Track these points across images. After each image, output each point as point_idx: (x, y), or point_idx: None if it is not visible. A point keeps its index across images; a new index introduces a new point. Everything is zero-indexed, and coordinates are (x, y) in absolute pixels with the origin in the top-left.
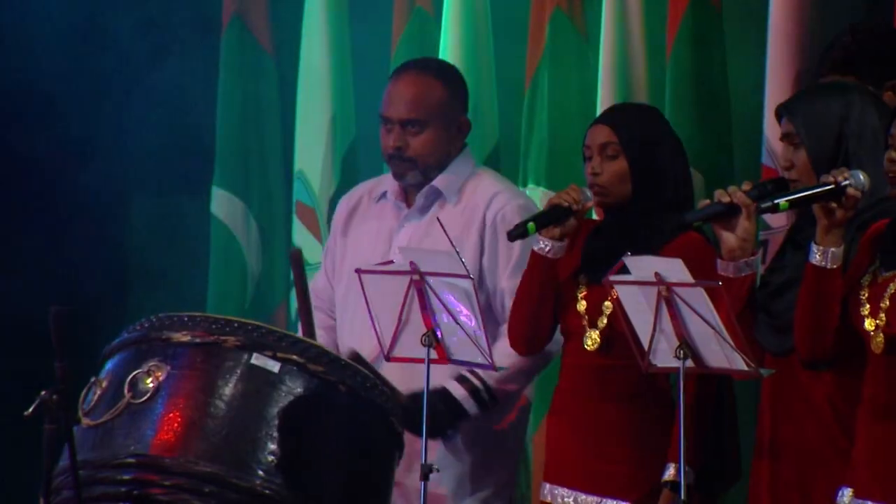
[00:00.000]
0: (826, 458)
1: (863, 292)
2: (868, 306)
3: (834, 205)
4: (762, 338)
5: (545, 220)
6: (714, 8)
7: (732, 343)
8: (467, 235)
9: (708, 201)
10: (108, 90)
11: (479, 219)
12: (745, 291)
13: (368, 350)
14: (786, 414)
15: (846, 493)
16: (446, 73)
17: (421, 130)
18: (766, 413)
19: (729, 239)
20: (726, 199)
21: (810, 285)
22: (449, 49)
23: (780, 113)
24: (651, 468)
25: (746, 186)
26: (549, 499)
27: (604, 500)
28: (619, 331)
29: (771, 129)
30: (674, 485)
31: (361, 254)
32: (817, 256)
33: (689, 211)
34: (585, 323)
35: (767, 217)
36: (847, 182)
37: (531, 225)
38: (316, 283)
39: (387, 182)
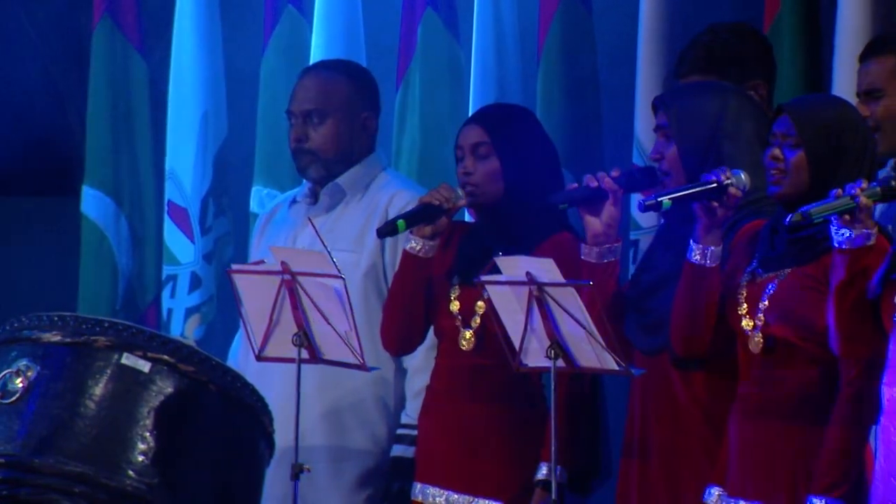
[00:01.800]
0: (695, 458)
1: (741, 292)
2: (746, 306)
3: (715, 203)
4: (633, 337)
5: (416, 218)
6: (584, 8)
7: (603, 343)
8: (369, 232)
9: (576, 185)
10: None
11: (380, 215)
12: (610, 280)
13: None
14: (655, 413)
15: (713, 492)
16: (352, 70)
17: (321, 122)
18: (636, 412)
19: (594, 224)
20: (594, 184)
21: (688, 283)
22: (321, 49)
23: (657, 105)
24: (523, 467)
25: (615, 173)
26: (420, 498)
27: (476, 499)
28: (493, 331)
29: (641, 129)
30: (546, 484)
31: (266, 256)
32: (696, 255)
33: (557, 194)
34: (459, 323)
35: (638, 217)
36: (729, 182)
37: (401, 222)
38: None
39: (301, 189)
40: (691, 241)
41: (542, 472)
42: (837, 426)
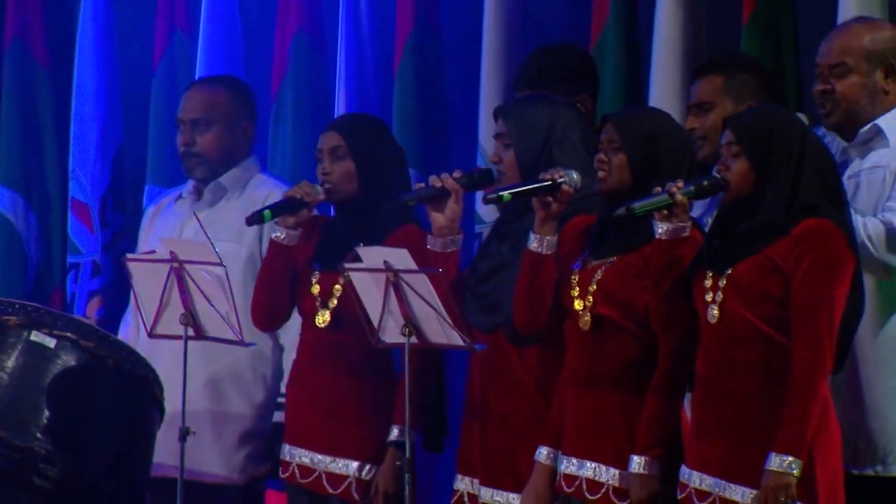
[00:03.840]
0: (528, 422)
1: (574, 277)
2: (578, 289)
3: (550, 199)
4: (472, 316)
5: (280, 209)
6: (435, 28)
7: (451, 322)
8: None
9: (422, 184)
10: None
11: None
12: (452, 267)
13: None
14: (493, 384)
15: (543, 451)
16: (233, 83)
17: (207, 129)
18: (476, 383)
19: (438, 219)
20: (438, 184)
21: (528, 269)
22: (205, 67)
23: (497, 114)
24: (378, 430)
25: (457, 174)
26: (288, 458)
27: (336, 459)
28: (347, 311)
29: (484, 135)
30: (397, 444)
31: (157, 246)
32: (534, 244)
33: (406, 192)
34: (318, 304)
35: (481, 211)
36: (562, 180)
37: (267, 213)
38: None
39: (185, 186)
40: (531, 232)
41: (394, 433)
42: (655, 394)
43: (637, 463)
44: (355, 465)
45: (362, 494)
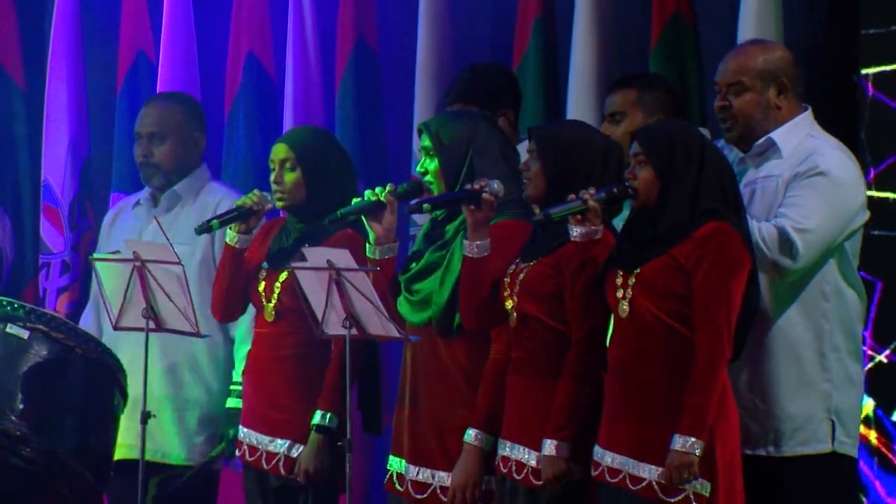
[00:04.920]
0: (455, 408)
1: (506, 278)
2: (508, 290)
3: (473, 207)
4: (404, 311)
5: (230, 218)
6: (373, 51)
7: (388, 315)
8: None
9: (360, 199)
10: None
11: (210, 216)
12: (389, 269)
13: None
14: (423, 373)
15: (471, 433)
16: (185, 100)
17: (162, 142)
18: (408, 371)
19: (377, 229)
20: (374, 198)
21: (467, 272)
22: (165, 84)
23: (421, 129)
24: (311, 414)
25: (389, 188)
26: (242, 438)
27: (274, 439)
28: (288, 305)
29: (417, 144)
30: (319, 427)
31: (121, 247)
32: (468, 250)
33: (344, 207)
34: (264, 300)
35: (416, 217)
36: (483, 190)
37: (214, 223)
38: (94, 281)
39: (142, 193)
40: (465, 240)
41: (317, 417)
42: (565, 380)
43: (547, 445)
44: (286, 444)
45: (288, 471)
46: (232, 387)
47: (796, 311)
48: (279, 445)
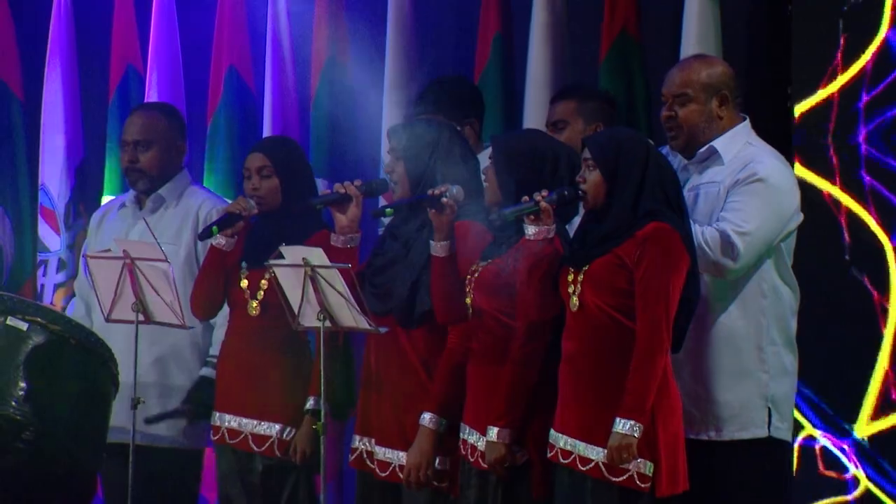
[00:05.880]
0: (414, 393)
1: (469, 277)
2: (468, 287)
3: (435, 211)
4: (368, 303)
5: (224, 224)
6: (344, 66)
7: (359, 309)
8: (185, 230)
9: (329, 191)
10: None
11: (192, 218)
12: (353, 261)
13: None
14: (385, 359)
15: (426, 416)
16: (168, 109)
17: (147, 149)
18: (371, 359)
19: (341, 219)
20: (342, 190)
21: (437, 271)
22: (153, 95)
23: (390, 133)
24: (296, 399)
25: (357, 182)
26: (218, 423)
27: (261, 422)
28: (272, 301)
29: (385, 151)
30: (312, 412)
31: (111, 246)
32: (434, 250)
33: (314, 196)
34: (248, 295)
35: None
36: (441, 194)
37: (214, 229)
38: (79, 276)
39: (127, 196)
40: (431, 241)
41: (310, 403)
42: (507, 369)
43: (490, 432)
44: (277, 427)
45: (283, 452)
46: (208, 359)
47: (736, 308)
48: (271, 428)
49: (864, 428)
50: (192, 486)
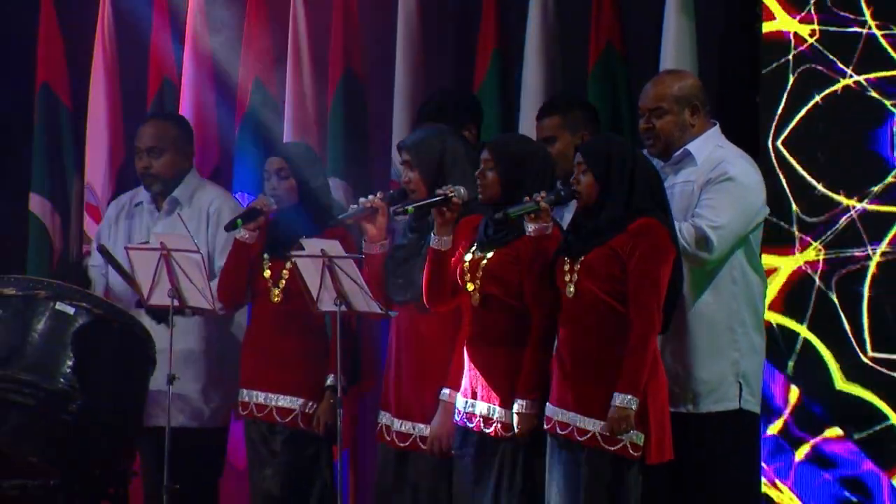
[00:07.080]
0: (432, 371)
1: (465, 265)
2: (469, 275)
3: (444, 209)
4: (391, 291)
5: (247, 217)
6: (358, 77)
7: (371, 295)
8: (200, 228)
9: (355, 206)
10: None
11: (204, 217)
12: (381, 262)
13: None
14: (406, 342)
15: (445, 392)
16: (177, 119)
17: (160, 155)
18: (393, 342)
19: (371, 230)
20: (368, 205)
21: (432, 262)
22: (186, 105)
23: (400, 146)
24: (316, 375)
25: (380, 195)
26: (246, 399)
27: (280, 396)
28: (292, 289)
29: (396, 155)
30: (331, 388)
31: (130, 240)
32: (435, 243)
33: (344, 213)
34: (270, 284)
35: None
36: (452, 194)
37: (238, 221)
38: (93, 255)
39: (142, 194)
40: (432, 234)
41: (330, 379)
42: (531, 351)
43: (520, 404)
44: (300, 401)
45: (307, 424)
46: None
47: (710, 294)
48: (294, 402)
49: None
50: (218, 460)
